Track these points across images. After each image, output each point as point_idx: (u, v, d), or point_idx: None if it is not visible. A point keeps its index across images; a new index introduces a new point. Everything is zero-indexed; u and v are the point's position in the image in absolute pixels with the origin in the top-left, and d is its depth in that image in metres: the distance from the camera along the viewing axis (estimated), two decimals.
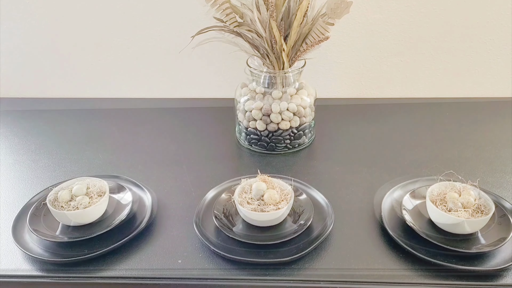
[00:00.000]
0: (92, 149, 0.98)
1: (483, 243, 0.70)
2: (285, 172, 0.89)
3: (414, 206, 0.78)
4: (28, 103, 1.19)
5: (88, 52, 1.16)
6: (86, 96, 1.22)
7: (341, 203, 0.81)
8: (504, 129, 1.03)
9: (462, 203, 0.72)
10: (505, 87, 1.16)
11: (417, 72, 1.15)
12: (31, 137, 1.03)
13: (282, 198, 0.74)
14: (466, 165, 0.91)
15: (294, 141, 0.96)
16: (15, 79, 1.21)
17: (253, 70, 0.94)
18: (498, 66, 1.13)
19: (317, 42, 0.90)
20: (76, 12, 1.11)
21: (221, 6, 0.89)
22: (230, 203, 0.78)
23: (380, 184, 0.85)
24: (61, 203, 0.74)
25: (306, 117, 0.96)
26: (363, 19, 1.09)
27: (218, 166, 0.93)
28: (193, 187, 0.86)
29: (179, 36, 1.12)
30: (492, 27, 1.08)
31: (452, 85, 1.17)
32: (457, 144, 0.98)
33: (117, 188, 0.82)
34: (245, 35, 0.92)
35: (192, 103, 1.18)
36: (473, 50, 1.12)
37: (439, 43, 1.11)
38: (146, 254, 0.71)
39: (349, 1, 0.86)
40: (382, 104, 1.15)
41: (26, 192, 0.85)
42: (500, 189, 0.84)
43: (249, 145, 0.98)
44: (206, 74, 1.18)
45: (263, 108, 0.93)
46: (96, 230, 0.73)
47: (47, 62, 1.18)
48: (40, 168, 0.92)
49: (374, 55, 1.13)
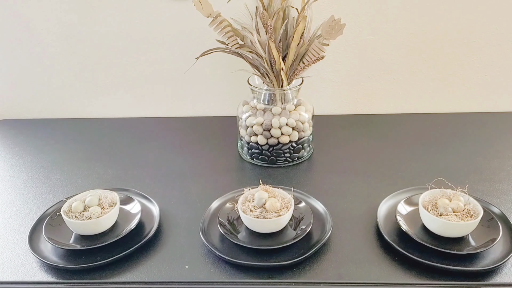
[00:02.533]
0: (102, 165, 1.03)
1: (474, 245, 0.74)
2: (285, 183, 0.94)
3: (408, 212, 0.82)
4: (41, 123, 1.25)
5: (97, 73, 1.22)
6: (96, 116, 1.27)
7: (339, 211, 0.85)
8: (493, 141, 1.08)
9: (452, 208, 0.76)
10: (492, 102, 1.22)
11: (409, 89, 1.21)
12: (43, 154, 1.08)
13: (283, 206, 0.79)
14: (457, 175, 0.95)
15: (294, 154, 1.01)
16: (26, 100, 1.27)
17: (254, 88, 1.00)
18: (485, 82, 1.19)
19: (314, 61, 0.96)
20: (85, 35, 1.17)
21: (223, 30, 0.96)
22: (234, 212, 0.82)
23: (376, 193, 0.89)
24: (75, 213, 0.78)
25: (305, 131, 1.01)
26: (356, 40, 1.15)
27: (221, 178, 0.97)
28: (198, 198, 0.91)
29: (184, 58, 1.18)
30: (479, 47, 1.15)
31: (442, 101, 1.22)
32: (448, 155, 1.03)
33: (127, 200, 0.87)
34: (246, 56, 0.98)
35: (196, 121, 1.23)
36: (462, 68, 1.18)
37: (429, 61, 1.17)
38: (155, 261, 0.75)
39: (343, 24, 0.92)
40: (377, 119, 1.21)
41: (40, 206, 0.90)
42: (490, 197, 0.88)
43: (251, 159, 1.03)
44: (210, 93, 1.24)
45: (263, 124, 0.98)
46: (108, 239, 0.77)
47: (58, 84, 1.24)
48: (53, 183, 0.97)
49: (368, 73, 1.19)
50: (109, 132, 1.19)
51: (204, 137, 1.14)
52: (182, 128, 1.19)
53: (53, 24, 1.16)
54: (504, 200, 0.87)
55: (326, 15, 1.09)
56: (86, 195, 0.82)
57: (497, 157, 1.01)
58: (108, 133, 1.18)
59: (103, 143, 1.13)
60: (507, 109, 1.22)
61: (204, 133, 1.17)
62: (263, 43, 0.95)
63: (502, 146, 1.05)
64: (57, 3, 1.13)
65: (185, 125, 1.21)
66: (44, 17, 1.15)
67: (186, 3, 1.12)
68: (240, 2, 1.09)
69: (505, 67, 1.17)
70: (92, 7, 1.13)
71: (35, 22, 1.16)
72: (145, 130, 1.19)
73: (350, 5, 1.11)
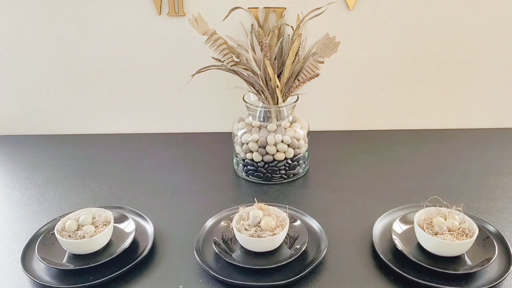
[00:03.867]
0: (96, 182, 1.03)
1: (469, 264, 0.74)
2: (281, 200, 0.94)
3: (403, 230, 0.82)
4: (36, 139, 1.24)
5: (93, 90, 1.23)
6: (91, 132, 1.27)
7: (334, 229, 0.85)
8: (488, 157, 1.08)
9: (447, 226, 0.76)
10: (487, 118, 1.22)
11: (404, 105, 1.22)
12: (38, 171, 1.08)
13: (278, 225, 0.78)
14: (452, 192, 0.95)
15: (289, 171, 1.01)
16: (21, 116, 1.26)
17: (249, 105, 1.00)
18: (480, 99, 1.20)
19: (309, 79, 0.97)
20: (81, 52, 1.18)
21: (218, 47, 0.97)
22: (229, 230, 0.82)
23: (371, 210, 0.89)
24: (68, 232, 0.78)
25: (300, 148, 1.01)
26: (351, 57, 1.16)
27: (216, 196, 0.97)
28: (193, 216, 0.90)
29: (180, 75, 1.19)
30: (473, 64, 1.16)
31: (437, 117, 1.23)
32: (443, 172, 1.03)
33: (121, 218, 0.86)
34: (241, 73, 0.98)
35: (191, 137, 1.23)
36: (456, 84, 1.19)
37: (423, 78, 1.18)
38: (149, 281, 0.75)
39: (337, 42, 0.93)
40: (372, 135, 1.21)
41: (34, 224, 0.89)
42: (485, 215, 0.88)
43: (246, 176, 1.03)
44: (205, 110, 1.24)
45: (259, 141, 0.98)
46: (101, 258, 0.76)
47: (53, 100, 1.24)
48: (47, 201, 0.96)
49: (363, 90, 1.20)
50: (104, 148, 1.19)
51: (200, 154, 1.14)
52: (178, 144, 1.19)
53: (49, 41, 1.17)
54: (499, 218, 0.87)
55: (321, 33, 1.10)
56: (80, 214, 0.81)
57: (493, 174, 1.01)
58: (104, 149, 1.18)
59: (98, 159, 1.13)
60: (501, 126, 1.23)
61: (199, 149, 1.17)
62: (259, 60, 0.95)
63: (497, 163, 1.06)
64: (53, 20, 1.14)
65: (180, 141, 1.21)
66: (40, 34, 1.16)
67: (182, 20, 1.13)
68: (236, 19, 1.10)
69: (499, 84, 1.18)
70: (88, 24, 1.14)
71: (31, 39, 1.17)
72: (141, 147, 1.19)
73: (345, 23, 1.12)
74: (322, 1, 1.09)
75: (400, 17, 1.11)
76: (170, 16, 1.12)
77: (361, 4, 1.10)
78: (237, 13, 1.08)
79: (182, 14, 1.12)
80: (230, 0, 1.10)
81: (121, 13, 1.13)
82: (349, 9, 1.10)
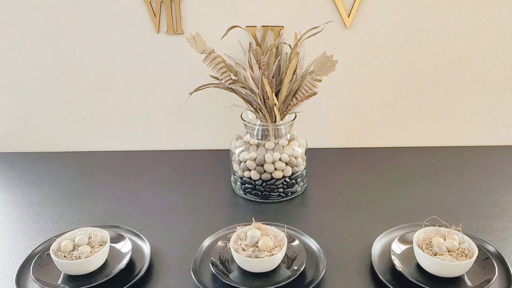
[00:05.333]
0: (93, 200, 1.02)
1: (469, 285, 0.73)
2: (279, 219, 0.93)
3: (402, 250, 0.81)
4: (31, 157, 1.24)
5: (90, 107, 1.22)
6: (88, 149, 1.27)
7: (332, 248, 0.84)
8: (487, 175, 1.08)
9: (447, 247, 0.75)
10: (485, 136, 1.23)
11: (401, 123, 1.22)
12: (35, 189, 1.07)
13: (276, 245, 0.78)
14: (451, 210, 0.95)
15: (287, 189, 1.01)
16: (18, 134, 1.26)
17: (247, 123, 1.00)
18: (477, 117, 1.20)
19: (306, 97, 0.97)
20: (78, 69, 1.18)
21: (216, 66, 0.97)
22: (226, 251, 0.81)
23: (370, 229, 0.89)
24: (64, 253, 0.77)
25: (298, 166, 1.01)
26: (349, 75, 1.16)
27: (214, 214, 0.96)
28: (190, 235, 0.89)
29: (177, 93, 1.19)
30: (470, 81, 1.16)
31: (434, 135, 1.23)
32: (442, 190, 1.03)
33: (117, 238, 0.85)
34: (239, 91, 0.98)
35: (189, 155, 1.23)
36: (453, 102, 1.19)
37: (421, 95, 1.18)
38: None
39: (335, 60, 0.93)
40: (370, 153, 1.21)
41: (29, 244, 0.88)
42: (485, 234, 0.87)
43: (244, 194, 1.02)
44: (203, 127, 1.24)
45: (257, 159, 0.98)
46: (97, 279, 0.76)
47: (51, 117, 1.24)
48: (43, 220, 0.96)
49: (361, 108, 1.20)
50: (101, 166, 1.18)
51: (198, 171, 1.14)
52: (175, 162, 1.19)
53: (47, 58, 1.17)
54: (499, 237, 0.86)
55: (318, 51, 1.11)
56: (75, 234, 0.81)
57: (491, 192, 1.01)
58: (101, 167, 1.18)
59: (96, 177, 1.12)
60: (499, 143, 1.23)
61: (197, 167, 1.16)
62: (256, 79, 0.96)
63: (496, 181, 1.05)
64: (52, 38, 1.15)
65: (178, 159, 1.21)
66: (38, 52, 1.16)
67: (180, 38, 1.13)
68: (234, 38, 1.10)
69: (496, 102, 1.19)
70: (86, 41, 1.15)
71: (30, 57, 1.17)
72: (138, 164, 1.19)
73: (342, 41, 1.13)
74: (320, 20, 1.10)
75: (396, 36, 1.12)
76: (169, 34, 1.13)
77: (358, 23, 1.11)
78: (235, 32, 1.09)
79: (181, 32, 1.12)
80: (228, 19, 1.10)
81: (120, 31, 1.13)
82: (346, 27, 1.11)
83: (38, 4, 1.11)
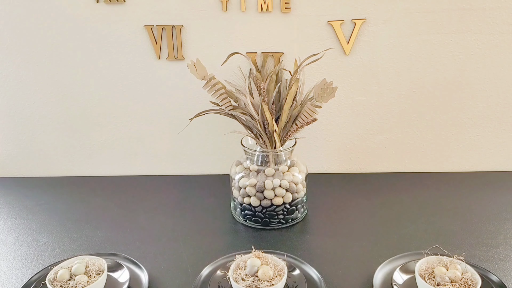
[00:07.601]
0: (91, 227, 1.01)
1: None
2: (279, 247, 0.92)
3: (405, 281, 0.80)
4: (31, 182, 1.23)
5: (90, 132, 1.23)
6: (88, 174, 1.26)
7: (333, 278, 0.83)
8: (488, 201, 1.07)
9: (449, 277, 0.74)
10: (485, 162, 1.22)
11: (401, 148, 1.22)
12: (32, 215, 1.06)
13: (276, 274, 0.76)
14: (453, 238, 0.94)
15: (287, 216, 1.00)
16: (18, 159, 1.26)
17: (247, 149, 1.00)
18: (478, 142, 1.20)
19: (306, 123, 0.97)
20: (77, 95, 1.19)
21: (217, 92, 0.97)
22: (225, 280, 0.80)
23: (371, 258, 0.87)
24: (60, 283, 0.76)
25: (298, 192, 1.00)
26: (349, 101, 1.17)
27: (214, 241, 0.95)
28: (189, 263, 0.88)
29: (178, 118, 1.19)
30: (470, 107, 1.17)
31: (436, 160, 1.23)
32: (443, 217, 1.02)
33: (115, 266, 0.84)
34: (239, 117, 0.99)
35: (189, 180, 1.22)
36: (454, 127, 1.19)
37: (421, 121, 1.19)
38: None
39: (335, 87, 0.94)
40: (370, 178, 1.20)
41: (25, 272, 0.87)
42: (488, 263, 0.86)
43: (244, 220, 1.01)
44: (203, 153, 1.23)
45: (256, 185, 0.97)
46: None
47: (49, 142, 1.24)
48: (41, 247, 0.94)
49: (361, 133, 1.20)
50: (100, 191, 1.17)
51: (197, 197, 1.13)
52: (175, 187, 1.18)
53: (48, 83, 1.18)
54: (502, 266, 0.85)
55: (318, 77, 1.11)
56: (72, 262, 0.79)
57: (493, 219, 1.00)
58: (99, 192, 1.17)
59: (94, 202, 1.12)
60: (500, 169, 1.23)
61: (197, 192, 1.15)
62: (256, 105, 0.96)
63: (498, 208, 1.05)
64: (53, 63, 1.16)
65: (177, 184, 1.20)
66: (38, 77, 1.17)
67: (180, 65, 1.14)
68: (234, 64, 1.11)
69: (496, 127, 1.19)
70: (87, 67, 1.16)
71: (30, 82, 1.18)
72: (137, 189, 1.18)
73: (342, 67, 1.13)
74: (320, 47, 1.11)
75: (396, 62, 1.13)
76: (169, 60, 1.14)
77: (357, 50, 1.12)
78: (236, 58, 1.10)
79: (181, 58, 1.13)
80: (228, 45, 1.12)
81: (121, 57, 1.14)
82: (346, 54, 1.12)
83: (39, 30, 1.12)
